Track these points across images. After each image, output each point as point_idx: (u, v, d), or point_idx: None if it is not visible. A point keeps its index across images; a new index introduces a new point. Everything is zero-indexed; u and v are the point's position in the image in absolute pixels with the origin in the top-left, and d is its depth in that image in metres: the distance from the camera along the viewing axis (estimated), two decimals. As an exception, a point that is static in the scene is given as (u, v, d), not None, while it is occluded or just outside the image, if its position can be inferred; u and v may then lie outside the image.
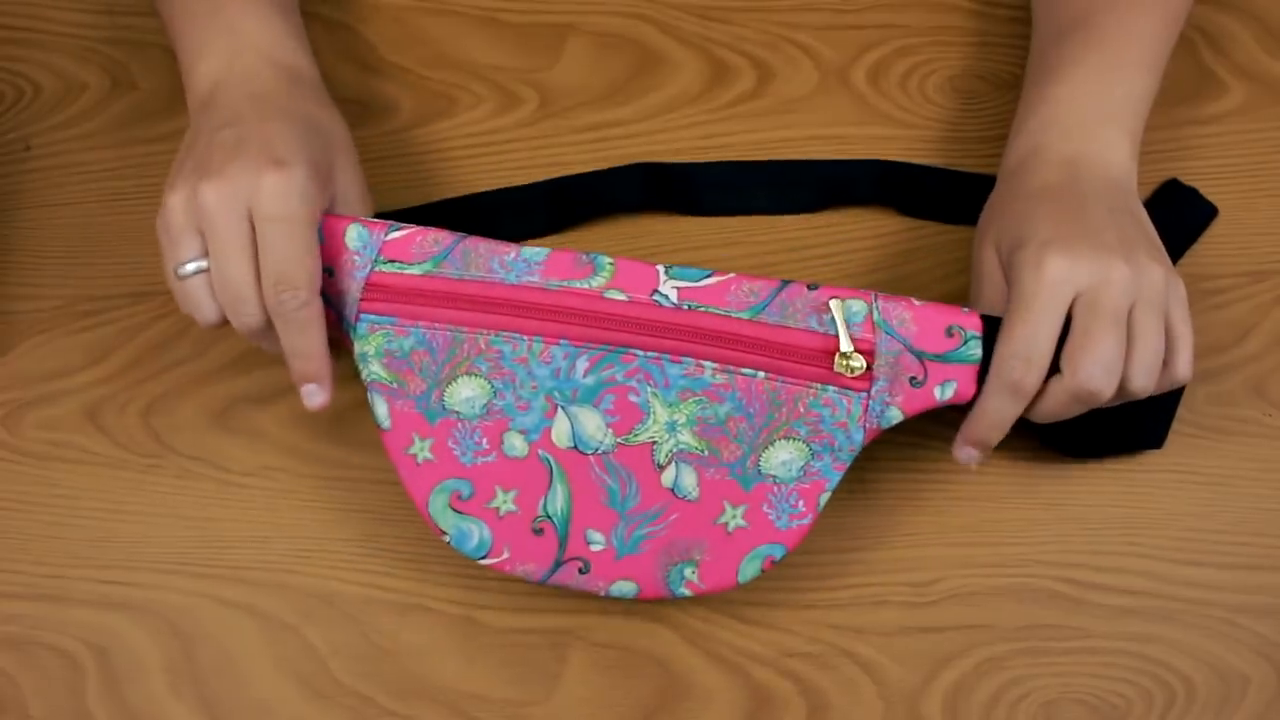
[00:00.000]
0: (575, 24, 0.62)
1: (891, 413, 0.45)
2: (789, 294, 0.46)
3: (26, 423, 0.53)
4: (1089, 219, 0.46)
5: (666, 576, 0.45)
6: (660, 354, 0.45)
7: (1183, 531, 0.51)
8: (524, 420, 0.46)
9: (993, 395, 0.44)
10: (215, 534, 0.51)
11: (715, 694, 0.49)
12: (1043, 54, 0.54)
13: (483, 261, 0.46)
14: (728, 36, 0.62)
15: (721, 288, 0.46)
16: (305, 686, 0.49)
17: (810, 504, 0.45)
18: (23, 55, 0.61)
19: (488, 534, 0.45)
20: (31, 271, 0.56)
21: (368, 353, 0.46)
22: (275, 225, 0.44)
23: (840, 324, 0.45)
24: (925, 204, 0.57)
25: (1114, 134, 0.50)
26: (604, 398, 0.46)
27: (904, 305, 0.45)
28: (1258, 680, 0.48)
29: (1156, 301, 0.44)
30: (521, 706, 0.48)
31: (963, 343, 0.45)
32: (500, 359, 0.46)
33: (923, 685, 0.49)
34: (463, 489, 0.46)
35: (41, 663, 0.49)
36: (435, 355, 0.46)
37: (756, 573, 0.45)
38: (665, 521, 0.45)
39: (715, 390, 0.45)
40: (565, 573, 0.45)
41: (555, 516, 0.45)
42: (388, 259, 0.46)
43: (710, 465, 0.45)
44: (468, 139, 0.59)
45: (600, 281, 0.46)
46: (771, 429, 0.45)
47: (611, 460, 0.45)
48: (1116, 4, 0.52)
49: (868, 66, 0.61)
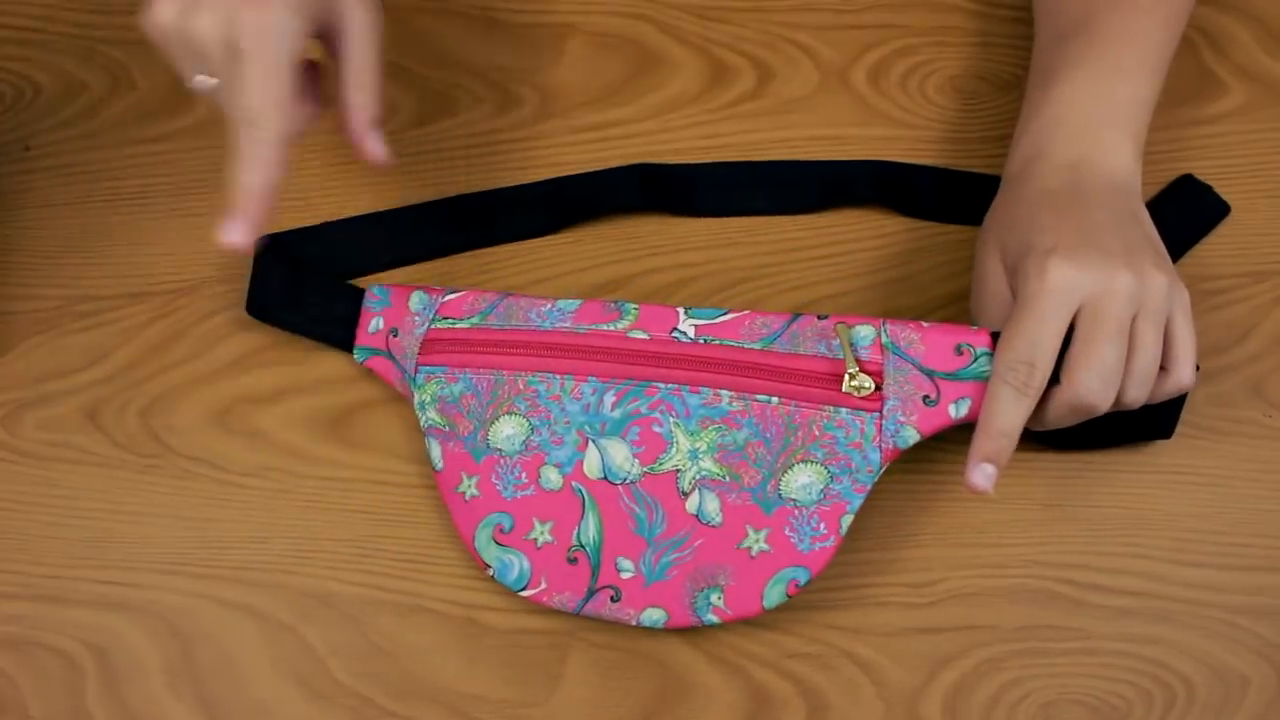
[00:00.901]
0: (575, 24, 0.62)
1: (907, 432, 0.45)
2: (800, 325, 0.47)
3: (26, 423, 0.53)
4: (1094, 225, 0.46)
5: (694, 603, 0.46)
6: (680, 385, 0.47)
7: (1183, 532, 0.51)
8: (558, 454, 0.48)
9: (996, 400, 0.44)
10: (215, 534, 0.51)
11: (715, 694, 0.49)
12: (1045, 55, 0.54)
13: (522, 313, 0.50)
14: (728, 36, 0.62)
15: (736, 323, 0.48)
16: (305, 687, 0.49)
17: (832, 526, 0.46)
18: (23, 55, 0.61)
19: (527, 565, 0.47)
20: (31, 271, 0.56)
21: (425, 401, 0.49)
22: (250, 64, 0.44)
23: (845, 346, 0.46)
24: (923, 204, 0.57)
25: (1117, 137, 0.50)
26: (630, 429, 0.47)
27: (912, 327, 0.46)
28: (1258, 681, 0.48)
29: (1158, 311, 0.44)
30: (521, 707, 0.48)
31: (973, 360, 0.45)
32: (536, 397, 0.48)
33: (922, 686, 0.49)
34: (505, 522, 0.48)
35: (41, 663, 0.49)
36: (480, 398, 0.49)
37: (782, 598, 0.46)
38: (691, 547, 0.46)
39: (733, 417, 0.47)
40: (598, 601, 0.47)
41: (588, 545, 0.47)
42: (443, 317, 0.50)
43: (732, 490, 0.46)
44: (468, 139, 0.59)
45: (625, 324, 0.49)
46: (789, 453, 0.46)
47: (639, 489, 0.47)
48: (1119, 5, 0.52)
49: (868, 67, 0.61)
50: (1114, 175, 0.49)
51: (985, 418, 0.44)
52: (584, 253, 0.57)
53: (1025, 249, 0.46)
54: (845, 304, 0.55)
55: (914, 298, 0.55)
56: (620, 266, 0.56)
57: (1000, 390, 0.44)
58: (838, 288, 0.56)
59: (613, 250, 0.57)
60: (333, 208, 0.57)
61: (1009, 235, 0.47)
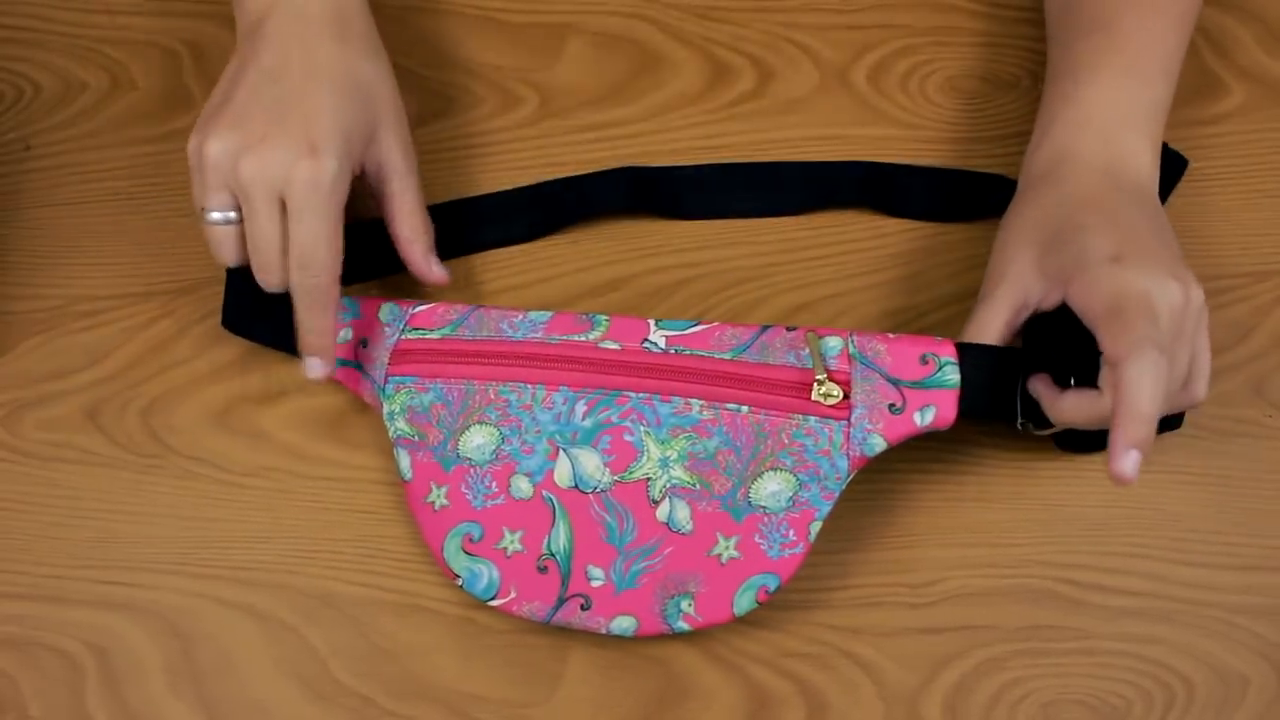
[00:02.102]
0: (575, 24, 0.62)
1: (874, 440, 0.46)
2: (769, 336, 0.48)
3: (26, 423, 0.53)
4: (1141, 235, 0.46)
5: (664, 611, 0.46)
6: (651, 394, 0.48)
7: (1183, 532, 0.51)
8: (529, 463, 0.48)
9: (1138, 385, 0.41)
10: (215, 534, 0.51)
11: (715, 694, 0.49)
12: (1065, 53, 0.53)
13: (493, 324, 0.50)
14: (728, 36, 0.62)
15: (706, 334, 0.49)
16: (305, 687, 0.49)
17: (801, 533, 0.46)
18: (23, 55, 0.61)
19: (496, 575, 0.47)
20: (31, 271, 0.56)
21: (394, 411, 0.49)
22: (304, 212, 0.47)
23: (815, 354, 0.47)
24: (912, 205, 0.57)
25: (1141, 141, 0.50)
26: (601, 438, 0.48)
27: (879, 339, 0.47)
28: (1257, 681, 0.48)
29: (1196, 328, 0.45)
30: (522, 707, 0.48)
31: (938, 369, 0.46)
32: (507, 407, 0.48)
33: (922, 686, 0.49)
34: (474, 531, 0.48)
35: (41, 663, 0.49)
36: (451, 407, 0.49)
37: (752, 604, 0.46)
38: (661, 555, 0.47)
39: (703, 426, 0.47)
40: (568, 610, 0.47)
41: (558, 554, 0.47)
42: (413, 328, 0.50)
43: (702, 498, 0.47)
44: (468, 139, 0.59)
45: (596, 335, 0.49)
46: (759, 460, 0.47)
47: (609, 498, 0.47)
48: (1138, 6, 0.52)
49: (868, 67, 0.61)
50: (1140, 179, 0.49)
51: (1128, 403, 0.41)
52: (583, 253, 0.57)
53: (1077, 251, 0.45)
54: (845, 304, 0.55)
55: (914, 298, 0.55)
56: (620, 266, 0.56)
57: (1140, 372, 0.41)
58: (838, 288, 0.56)
59: (612, 250, 0.57)
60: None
61: (1052, 235, 0.47)
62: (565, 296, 0.56)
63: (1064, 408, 0.45)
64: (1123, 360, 0.41)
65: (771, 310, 0.55)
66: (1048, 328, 0.48)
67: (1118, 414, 0.41)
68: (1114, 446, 0.41)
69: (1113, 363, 0.42)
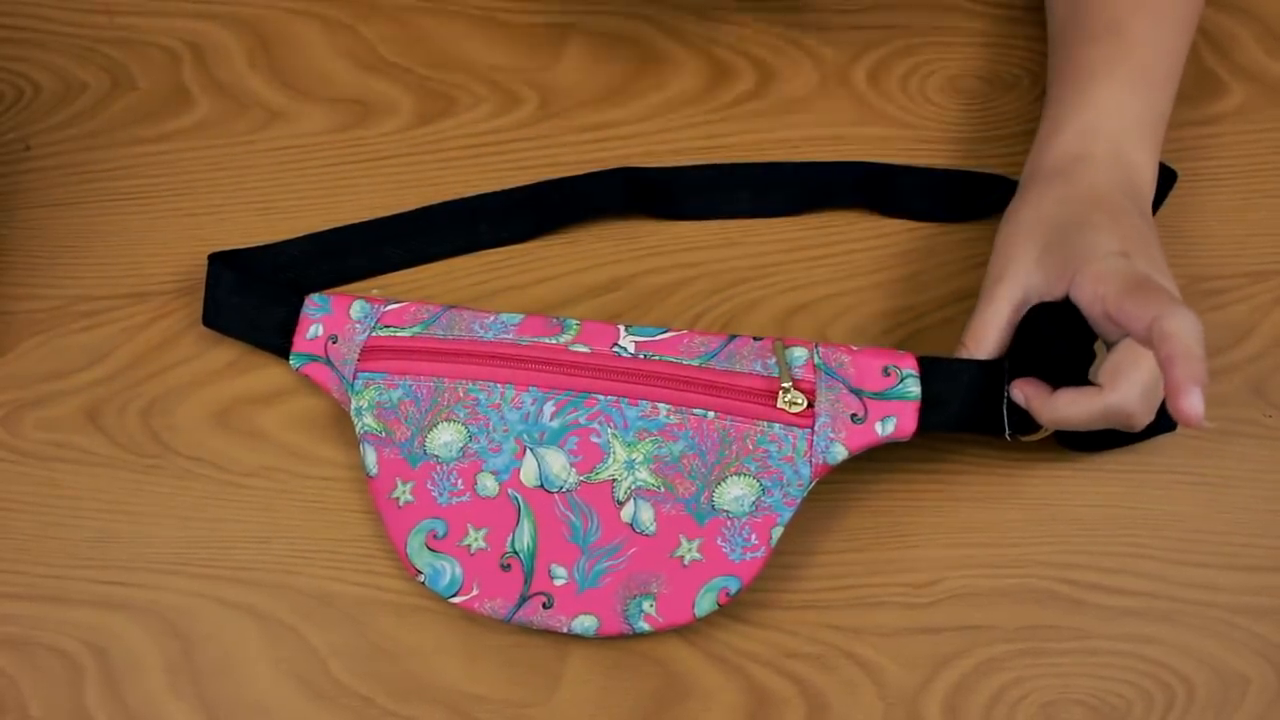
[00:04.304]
0: (575, 24, 0.62)
1: (836, 449, 0.46)
2: (736, 345, 0.49)
3: (26, 423, 0.53)
4: (1145, 241, 0.46)
5: (625, 611, 0.46)
6: (619, 397, 0.48)
7: (1183, 532, 0.51)
8: (496, 461, 0.48)
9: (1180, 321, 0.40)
10: (215, 534, 0.51)
11: (715, 694, 0.49)
12: (1074, 53, 0.53)
13: (465, 324, 0.51)
14: (728, 36, 0.62)
15: (675, 340, 0.49)
16: (305, 687, 0.49)
17: (763, 538, 0.46)
18: (23, 55, 0.61)
19: (459, 571, 0.47)
20: (31, 271, 0.56)
21: (362, 406, 0.50)
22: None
23: (781, 363, 0.48)
24: (908, 205, 0.57)
25: (1146, 150, 0.50)
26: (568, 439, 0.48)
27: (843, 350, 0.48)
28: (1258, 681, 0.49)
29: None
30: (522, 707, 0.48)
31: (899, 381, 0.47)
32: (476, 405, 0.49)
33: (922, 686, 0.49)
34: (438, 528, 0.48)
35: (41, 663, 0.49)
36: (420, 404, 0.49)
37: (713, 606, 0.46)
38: (624, 555, 0.47)
39: (670, 430, 0.48)
40: (530, 608, 0.47)
41: (522, 552, 0.47)
42: (384, 325, 0.51)
43: (666, 501, 0.47)
44: (468, 139, 0.59)
45: (567, 338, 0.50)
46: (723, 465, 0.47)
47: (575, 498, 0.48)
48: (1145, 9, 0.52)
49: (868, 67, 0.61)
50: (1141, 188, 0.50)
51: (1176, 346, 0.40)
52: (582, 253, 0.57)
53: (1084, 246, 0.45)
54: (844, 304, 0.55)
55: (914, 297, 0.55)
56: (619, 266, 0.56)
57: (1180, 319, 0.40)
58: (837, 288, 0.56)
59: (611, 250, 0.57)
60: (324, 211, 0.57)
61: (1048, 231, 0.47)
62: (563, 297, 0.56)
63: (1059, 406, 0.45)
64: (1159, 318, 0.41)
65: (770, 310, 0.55)
66: (1030, 332, 0.48)
67: (1170, 360, 0.40)
68: (1175, 389, 0.39)
69: (1143, 327, 0.41)
